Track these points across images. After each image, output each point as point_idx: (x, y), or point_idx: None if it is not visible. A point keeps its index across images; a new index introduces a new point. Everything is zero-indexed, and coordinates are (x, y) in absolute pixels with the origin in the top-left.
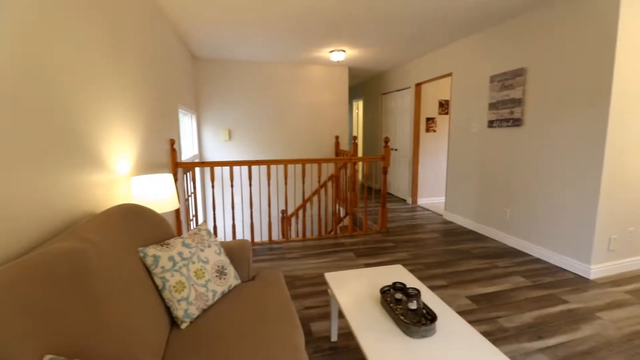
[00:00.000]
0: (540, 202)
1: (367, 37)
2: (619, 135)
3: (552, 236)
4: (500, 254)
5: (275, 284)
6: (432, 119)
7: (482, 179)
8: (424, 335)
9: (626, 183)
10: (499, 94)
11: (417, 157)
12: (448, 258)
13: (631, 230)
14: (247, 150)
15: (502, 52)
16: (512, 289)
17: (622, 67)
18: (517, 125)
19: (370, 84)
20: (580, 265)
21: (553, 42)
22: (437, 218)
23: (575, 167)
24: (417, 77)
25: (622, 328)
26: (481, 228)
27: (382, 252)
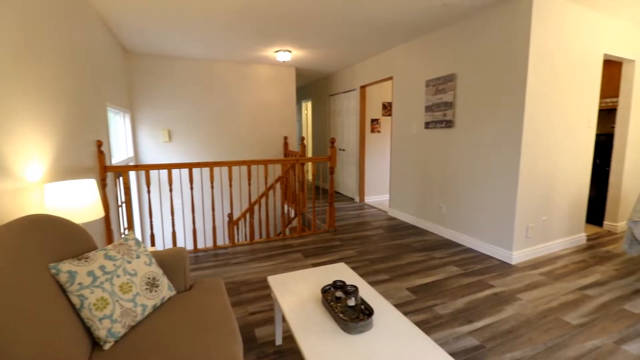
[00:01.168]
0: (470, 197)
1: (312, 39)
2: (531, 135)
3: (480, 227)
4: (437, 246)
5: (215, 292)
6: (376, 120)
7: (421, 177)
8: (362, 330)
9: (539, 178)
10: (434, 97)
11: (363, 157)
12: (391, 253)
13: (544, 219)
14: (190, 152)
15: (435, 58)
16: (447, 277)
17: (533, 74)
18: (449, 126)
19: (319, 85)
20: (504, 252)
21: (478, 51)
22: (382, 215)
23: (498, 164)
24: (362, 79)
25: (538, 306)
26: (421, 223)
27: (330, 251)
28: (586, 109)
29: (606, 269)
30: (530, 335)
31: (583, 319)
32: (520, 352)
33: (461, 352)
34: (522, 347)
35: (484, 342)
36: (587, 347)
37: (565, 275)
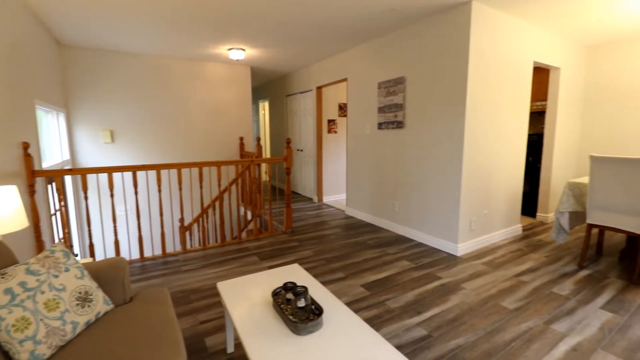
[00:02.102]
0: (419, 195)
1: (266, 38)
2: (472, 135)
3: (429, 223)
4: (391, 242)
5: (158, 302)
6: (333, 121)
7: (375, 176)
8: (312, 330)
9: (479, 175)
10: (386, 99)
11: (320, 157)
12: (347, 251)
13: (485, 212)
14: (137, 154)
15: (387, 61)
16: (399, 272)
17: (473, 78)
18: (400, 127)
19: (275, 85)
20: (451, 245)
21: (424, 55)
22: (340, 214)
23: (443, 163)
24: (318, 80)
25: (480, 294)
26: (376, 220)
27: (286, 252)
28: (519, 111)
29: (538, 256)
30: (473, 322)
31: (518, 303)
32: (464, 339)
33: (410, 343)
34: (465, 333)
35: (432, 331)
36: (522, 328)
37: (504, 263)
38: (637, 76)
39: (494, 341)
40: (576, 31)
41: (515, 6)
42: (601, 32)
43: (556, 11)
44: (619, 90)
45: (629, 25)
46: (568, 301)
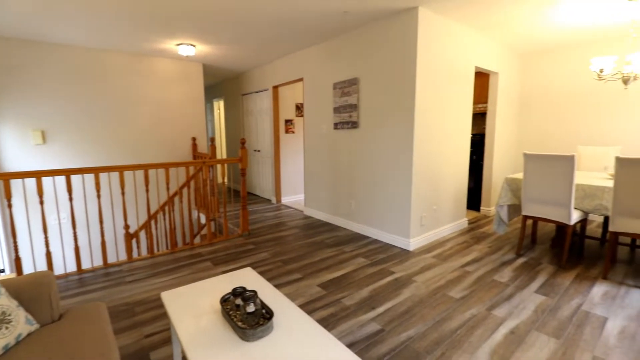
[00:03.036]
0: (374, 192)
1: (217, 34)
2: (421, 135)
3: (384, 220)
4: (348, 240)
5: (92, 319)
6: (290, 121)
7: (332, 176)
8: (261, 335)
9: (429, 173)
10: (341, 99)
11: (278, 157)
12: (304, 251)
13: (435, 208)
14: (75, 156)
15: (341, 62)
16: (355, 269)
17: (421, 81)
18: (355, 127)
19: (230, 83)
20: (404, 240)
21: (376, 58)
22: (298, 215)
23: (396, 162)
24: (274, 79)
25: (430, 286)
26: (334, 219)
27: (242, 256)
28: (463, 112)
29: (482, 247)
30: (423, 313)
31: (464, 292)
32: (414, 330)
33: (365, 339)
34: (416, 324)
35: (385, 325)
36: (466, 316)
37: (451, 255)
38: (565, 81)
39: (442, 330)
40: (512, 40)
41: (457, 13)
42: (533, 41)
43: (492, 20)
44: (549, 94)
45: (557, 36)
46: (507, 287)
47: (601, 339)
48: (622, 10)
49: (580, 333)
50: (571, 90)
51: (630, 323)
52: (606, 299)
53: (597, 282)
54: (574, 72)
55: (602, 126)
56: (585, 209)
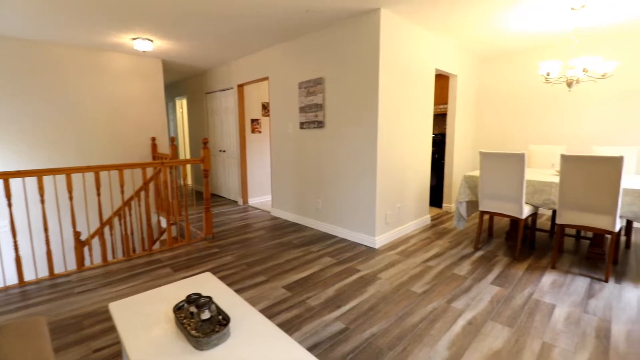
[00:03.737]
0: (341, 192)
1: (175, 29)
2: (384, 134)
3: (350, 218)
4: (315, 240)
5: (29, 336)
6: (256, 120)
7: (299, 176)
8: (217, 343)
9: (392, 171)
10: (306, 99)
11: (244, 158)
12: (270, 253)
13: (399, 206)
14: (19, 158)
15: (306, 61)
16: (322, 269)
17: (383, 81)
18: (321, 127)
19: (194, 81)
20: (369, 239)
21: (341, 58)
22: (266, 216)
23: (361, 161)
24: (239, 78)
25: (393, 282)
26: (301, 219)
27: (205, 260)
28: (425, 113)
29: (443, 243)
30: (386, 309)
31: (426, 287)
32: (377, 327)
33: (329, 339)
34: (379, 321)
35: (349, 324)
36: (428, 310)
37: (415, 251)
38: (517, 84)
39: (404, 325)
40: (469, 44)
41: (417, 16)
42: (489, 46)
43: (449, 24)
44: (503, 96)
45: (510, 42)
46: (466, 280)
47: (550, 325)
48: (566, 18)
49: (531, 320)
50: (523, 92)
51: (575, 309)
52: (554, 287)
53: (546, 271)
54: (525, 76)
55: (550, 126)
56: (535, 203)
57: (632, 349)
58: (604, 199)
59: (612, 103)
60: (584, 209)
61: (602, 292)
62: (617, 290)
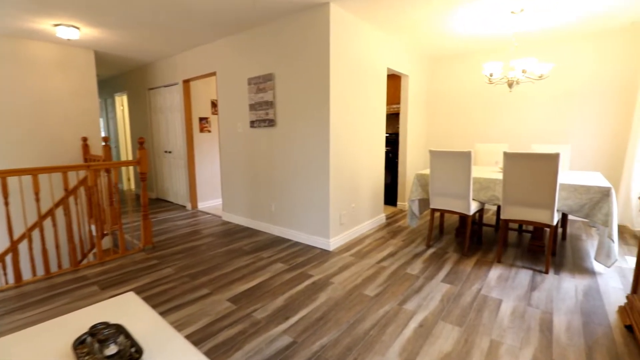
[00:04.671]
0: (294, 193)
1: (106, 16)
2: (336, 133)
3: (304, 221)
4: (268, 245)
5: None
6: (205, 119)
7: (250, 177)
8: None
9: (345, 170)
10: (256, 95)
11: (192, 159)
12: (218, 261)
13: (353, 206)
14: None
15: (255, 56)
16: (272, 276)
17: (335, 79)
18: (272, 125)
19: (135, 76)
20: (323, 241)
21: (291, 53)
22: (216, 221)
23: (313, 160)
24: (184, 73)
25: (346, 286)
26: (254, 223)
27: (140, 274)
28: (378, 112)
29: (397, 242)
30: (338, 317)
31: (378, 289)
32: (328, 337)
33: (273, 356)
34: (330, 331)
35: (297, 336)
36: (380, 314)
37: (369, 252)
38: (464, 85)
39: (355, 333)
40: (419, 45)
41: (367, 13)
42: (438, 47)
43: (399, 23)
44: (452, 96)
45: (457, 44)
46: (417, 279)
47: (497, 321)
48: (507, 22)
49: (480, 318)
50: (470, 93)
51: (519, 302)
52: (500, 282)
53: (493, 266)
54: (472, 77)
55: (494, 125)
56: (482, 199)
57: (572, 340)
58: (543, 194)
59: (547, 104)
60: (526, 204)
61: (543, 283)
62: (557, 281)
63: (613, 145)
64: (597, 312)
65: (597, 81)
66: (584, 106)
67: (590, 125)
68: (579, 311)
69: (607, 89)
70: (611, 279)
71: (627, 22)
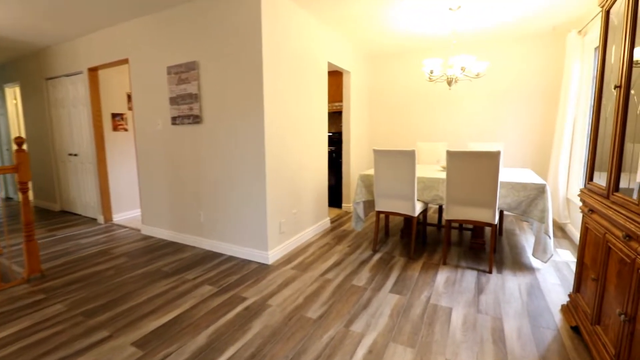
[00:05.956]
0: (226, 200)
1: None
2: (273, 132)
3: (239, 232)
4: (195, 262)
5: None
6: (120, 115)
7: (174, 183)
8: None
9: (284, 173)
10: (178, 87)
11: (104, 163)
12: (127, 290)
13: (295, 212)
14: None
15: (176, 40)
16: (196, 304)
17: (269, 71)
18: (198, 122)
19: (28, 63)
20: (261, 254)
21: (217, 39)
22: (134, 236)
23: (247, 162)
24: (90, 59)
25: (286, 308)
26: (180, 237)
27: (18, 315)
28: (319, 109)
29: (342, 248)
30: (274, 352)
31: (322, 308)
32: None
33: None
34: None
35: None
36: (324, 341)
37: (313, 262)
38: (406, 83)
39: None
40: (361, 41)
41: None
42: (379, 44)
43: (336, 15)
44: (394, 94)
45: (398, 41)
46: (365, 292)
47: (450, 335)
48: (445, 20)
49: (432, 334)
50: (411, 91)
51: (469, 309)
52: (448, 286)
53: (439, 269)
54: (413, 76)
55: (435, 124)
56: (425, 199)
57: (525, 350)
58: (485, 192)
59: (483, 103)
60: (469, 203)
61: (488, 284)
62: (501, 281)
63: (540, 144)
64: (543, 314)
65: (525, 82)
66: (514, 106)
67: (519, 125)
68: (526, 314)
69: (533, 90)
70: (549, 275)
71: (549, 27)
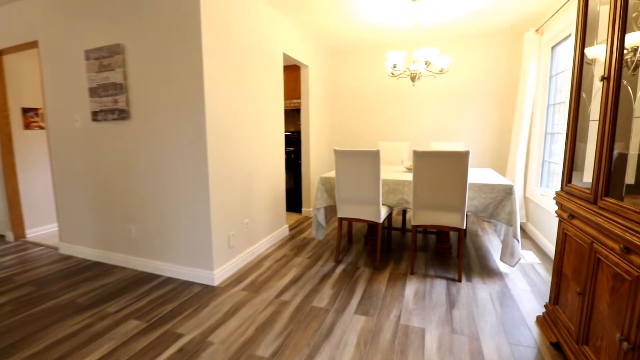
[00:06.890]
0: (163, 211)
1: None
2: (217, 132)
3: (179, 248)
4: (122, 289)
5: None
6: (34, 110)
7: (96, 190)
8: None
9: (233, 177)
10: (99, 75)
11: (12, 167)
12: (23, 334)
13: (247, 221)
14: None
15: (96, 19)
16: (115, 348)
17: (210, 60)
18: (124, 117)
19: None
20: (206, 274)
21: (147, 17)
22: (50, 256)
23: (187, 165)
24: None
25: (231, 346)
26: (107, 256)
27: None
28: (274, 105)
29: (302, 260)
30: None
31: (277, 341)
32: None
33: None
34: None
35: None
36: None
37: (267, 280)
38: (368, 80)
39: None
40: (319, 33)
41: None
42: (339, 38)
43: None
44: (356, 92)
45: (359, 34)
46: (327, 315)
47: None
48: (408, 12)
49: None
50: (372, 89)
51: (443, 329)
52: (418, 301)
53: (407, 279)
54: (375, 72)
55: (397, 123)
56: (390, 203)
57: None
58: (454, 196)
59: (444, 102)
60: (437, 207)
61: (459, 296)
62: (471, 291)
63: (498, 143)
64: (519, 327)
65: (485, 81)
66: (474, 105)
67: (479, 124)
68: (503, 330)
69: (492, 89)
70: (518, 280)
71: (507, 25)
